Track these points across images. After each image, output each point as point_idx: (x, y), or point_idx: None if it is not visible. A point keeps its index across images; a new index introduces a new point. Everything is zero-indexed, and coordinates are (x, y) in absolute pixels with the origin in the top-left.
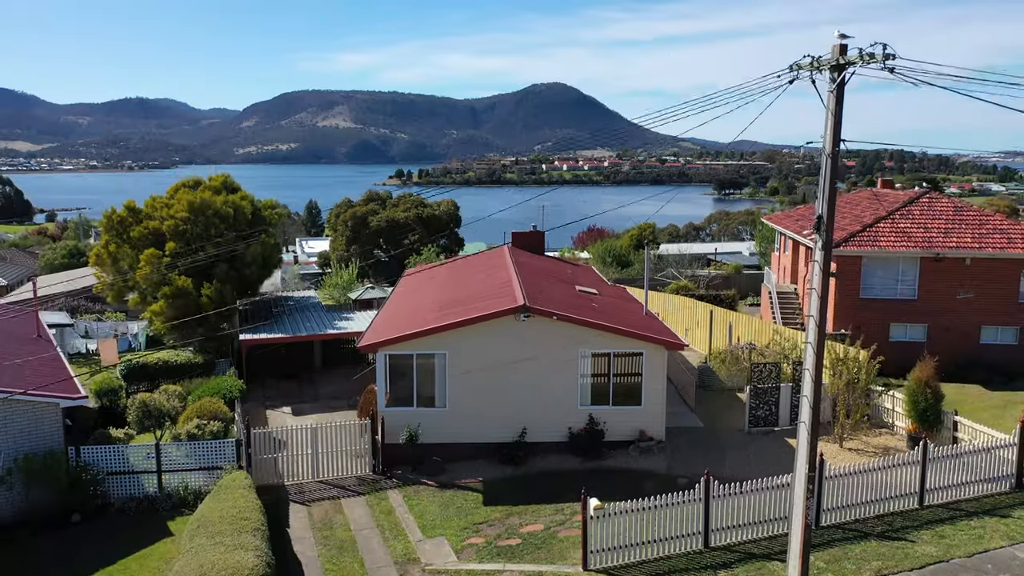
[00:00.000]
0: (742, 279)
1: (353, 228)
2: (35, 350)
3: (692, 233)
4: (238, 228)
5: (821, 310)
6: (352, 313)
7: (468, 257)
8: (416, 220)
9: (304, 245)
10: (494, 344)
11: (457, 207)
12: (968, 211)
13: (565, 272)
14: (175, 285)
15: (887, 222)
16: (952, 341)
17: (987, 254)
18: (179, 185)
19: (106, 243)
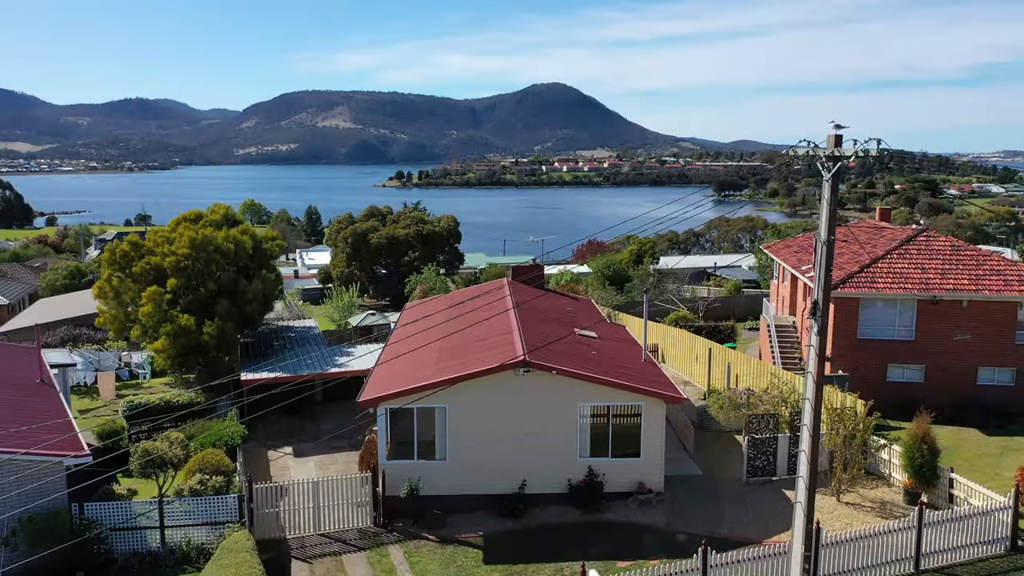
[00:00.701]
0: (741, 301)
1: (354, 245)
2: (38, 400)
3: (692, 239)
4: (239, 263)
5: (817, 395)
6: (352, 347)
7: (469, 290)
8: (416, 237)
9: (304, 257)
10: (494, 397)
11: (457, 223)
12: (965, 251)
13: (564, 310)
14: (177, 323)
15: (884, 262)
16: (949, 381)
17: (984, 297)
18: (180, 219)
19: (108, 277)
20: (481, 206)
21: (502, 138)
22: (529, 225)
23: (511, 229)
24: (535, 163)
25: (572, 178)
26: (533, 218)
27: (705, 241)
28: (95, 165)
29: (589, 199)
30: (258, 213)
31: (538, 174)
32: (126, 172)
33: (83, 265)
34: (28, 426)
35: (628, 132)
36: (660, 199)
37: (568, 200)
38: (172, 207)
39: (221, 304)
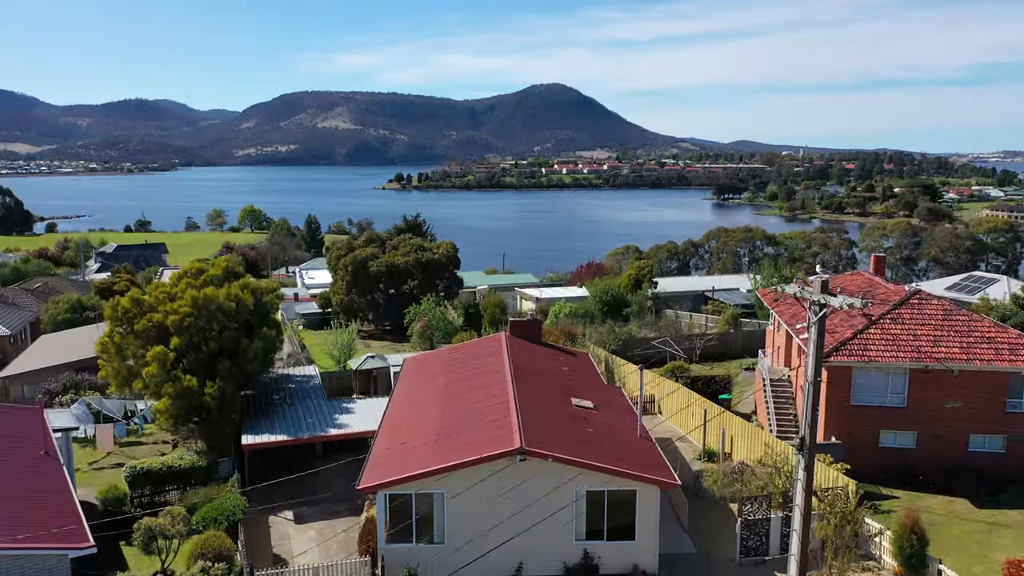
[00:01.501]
0: (739, 337)
1: (354, 273)
2: (41, 478)
3: (691, 250)
4: (240, 319)
5: (803, 533)
6: (352, 402)
7: (468, 345)
8: (416, 264)
9: (304, 276)
10: (491, 482)
11: (455, 249)
12: (957, 315)
13: (561, 371)
14: (180, 384)
15: (877, 327)
16: (941, 448)
17: (975, 367)
18: (182, 273)
19: (111, 333)
20: (481, 209)
21: (502, 139)
22: (529, 230)
23: (511, 235)
24: (534, 165)
25: (571, 180)
26: (532, 223)
27: (704, 252)
28: (94, 167)
29: (588, 201)
30: (258, 219)
31: (537, 176)
32: (126, 174)
33: (84, 298)
34: (33, 507)
35: (628, 133)
36: (660, 202)
37: (568, 203)
38: (171, 213)
39: (222, 364)
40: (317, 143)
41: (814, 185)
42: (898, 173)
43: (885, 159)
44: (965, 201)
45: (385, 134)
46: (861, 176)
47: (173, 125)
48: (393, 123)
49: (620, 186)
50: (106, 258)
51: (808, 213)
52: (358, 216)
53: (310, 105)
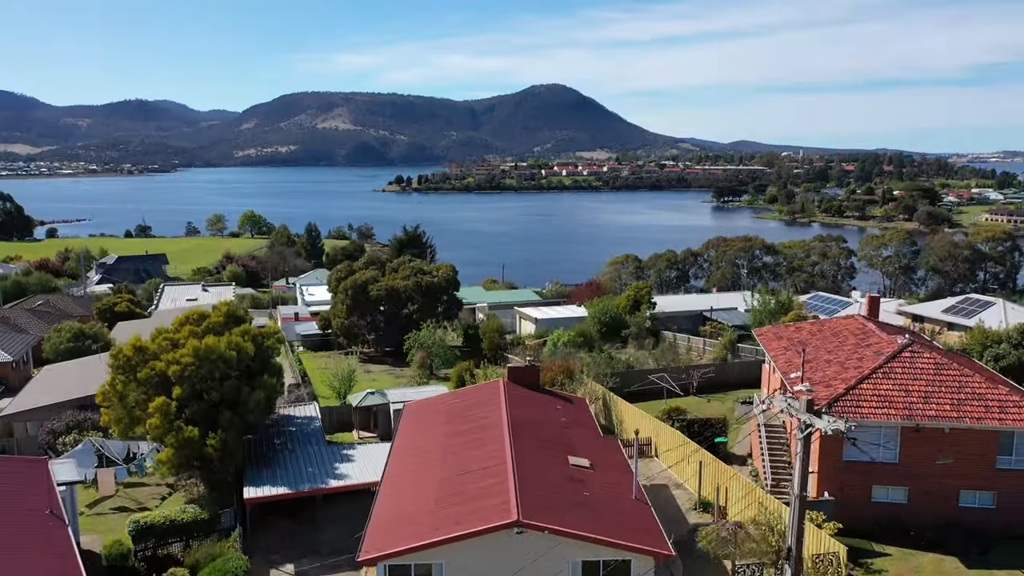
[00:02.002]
0: (735, 367)
1: (354, 297)
2: (46, 543)
3: (690, 259)
4: (241, 367)
5: None
6: (352, 448)
7: (468, 392)
8: (415, 288)
9: (304, 293)
10: (489, 552)
11: (455, 271)
12: (948, 370)
13: (558, 422)
14: (182, 435)
15: (869, 382)
16: (932, 503)
17: (965, 425)
18: (184, 319)
19: (113, 381)
20: (481, 212)
21: (502, 139)
22: (529, 236)
23: (511, 240)
24: (534, 167)
25: (571, 182)
26: (532, 227)
27: (703, 261)
28: (95, 168)
29: (589, 204)
30: (258, 224)
31: (537, 178)
32: (125, 175)
33: (86, 327)
34: None
35: (628, 133)
36: (659, 204)
37: (568, 206)
38: (172, 216)
39: (224, 415)
40: (317, 144)
41: (814, 187)
42: (898, 175)
43: (885, 160)
44: (965, 204)
45: (385, 135)
46: (861, 178)
47: (173, 126)
48: (393, 124)
49: (620, 188)
50: (107, 270)
51: (808, 217)
52: (358, 220)
53: (310, 106)
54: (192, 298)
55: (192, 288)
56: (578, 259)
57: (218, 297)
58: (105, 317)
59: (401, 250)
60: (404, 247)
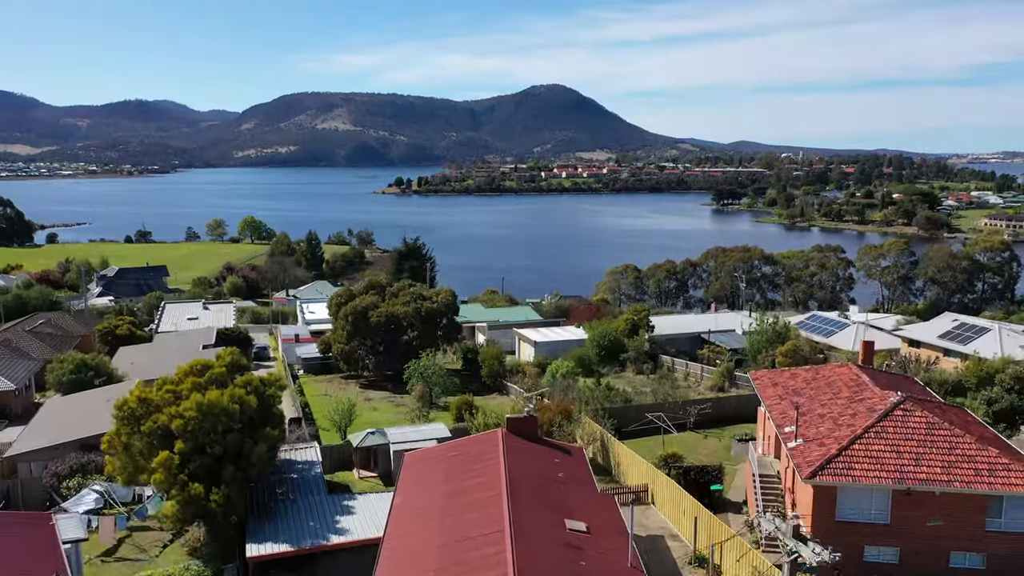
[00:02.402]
0: (732, 402)
1: (354, 323)
2: None
3: (689, 270)
4: (243, 419)
5: None
6: (354, 499)
7: (467, 444)
8: (415, 314)
9: (305, 310)
10: None
11: (454, 296)
12: (939, 430)
13: (555, 479)
14: (187, 492)
15: (861, 442)
16: (923, 564)
17: (955, 489)
18: (188, 370)
19: (118, 431)
20: (481, 216)
21: (501, 140)
22: (529, 240)
23: (511, 245)
24: (534, 169)
25: (571, 184)
26: (532, 231)
27: (702, 271)
28: (94, 169)
29: (589, 207)
30: (258, 230)
31: (537, 180)
32: (125, 176)
33: (88, 358)
34: None
35: (628, 133)
36: (659, 208)
37: (567, 209)
38: (172, 220)
39: (227, 470)
40: (317, 144)
41: (813, 191)
42: (897, 177)
43: (884, 162)
44: (964, 208)
45: (385, 135)
46: (860, 180)
47: (173, 126)
48: (393, 124)
49: (620, 190)
50: (107, 282)
51: (807, 221)
52: (358, 224)
53: (310, 106)
54: (193, 317)
55: (193, 306)
56: (578, 268)
57: (219, 315)
58: (107, 340)
59: (401, 262)
60: (404, 259)
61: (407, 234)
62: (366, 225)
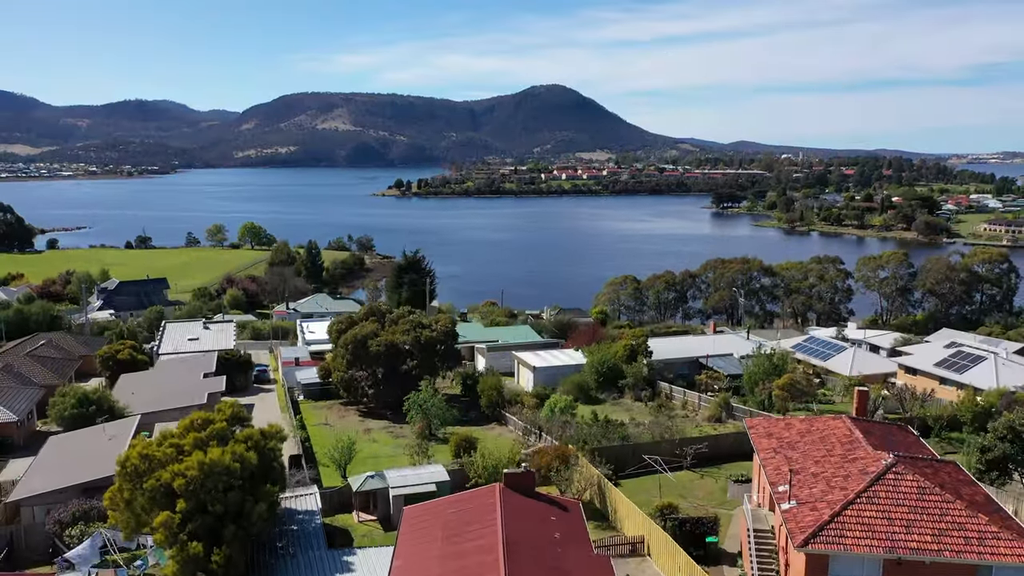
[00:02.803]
0: (728, 440)
1: (354, 352)
2: None
3: (688, 281)
4: (244, 476)
5: None
6: (353, 555)
7: (465, 499)
8: (415, 343)
9: (305, 330)
10: None
11: (453, 323)
12: (930, 495)
13: (551, 538)
14: (187, 552)
15: (854, 508)
16: None
17: (944, 559)
18: (188, 424)
19: (120, 488)
20: (480, 219)
21: (501, 140)
22: (528, 245)
23: (511, 251)
24: (534, 171)
25: (571, 187)
26: (532, 235)
27: (701, 282)
28: (94, 170)
29: (588, 211)
30: (258, 235)
31: (537, 183)
32: (125, 177)
33: (90, 391)
34: None
35: (627, 134)
36: (659, 211)
37: (567, 212)
38: (172, 224)
39: (228, 529)
40: (317, 144)
41: (813, 193)
42: (897, 179)
43: (884, 164)
44: (963, 212)
45: (385, 135)
46: (860, 182)
47: (173, 126)
48: (393, 124)
49: (619, 192)
50: (108, 295)
51: (807, 225)
52: (358, 227)
53: (310, 106)
54: (193, 337)
55: (194, 326)
56: (577, 277)
57: (219, 335)
58: (108, 365)
59: (401, 275)
60: (404, 271)
61: (407, 238)
62: (366, 229)
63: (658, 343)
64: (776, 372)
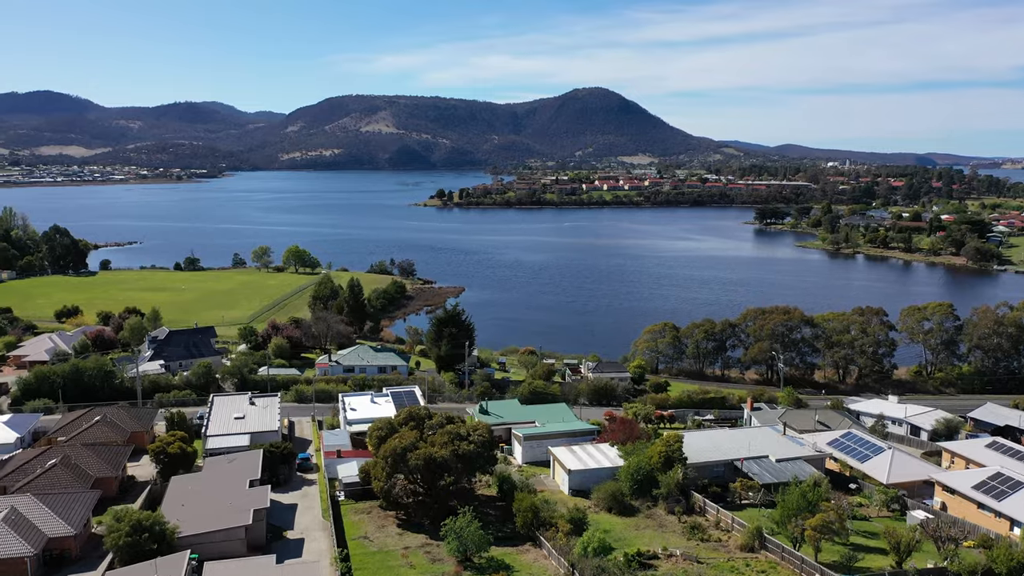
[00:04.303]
0: None
1: (393, 464)
2: None
3: (728, 331)
4: None
5: None
6: None
7: None
8: (452, 456)
9: (347, 408)
10: None
11: (490, 432)
12: None
13: None
14: None
15: None
16: None
17: None
18: None
19: None
20: (520, 235)
21: (543, 143)
22: (568, 270)
23: (549, 274)
24: (575, 180)
25: (612, 198)
26: (572, 258)
27: (741, 332)
28: (145, 173)
29: (629, 225)
30: (302, 259)
31: (578, 193)
32: (174, 182)
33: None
34: None
35: (670, 137)
36: (701, 225)
37: (608, 227)
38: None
39: None
40: (360, 148)
41: (859, 209)
42: (946, 192)
43: (933, 175)
44: (1016, 235)
45: (427, 138)
46: (908, 196)
47: (221, 128)
48: (435, 127)
49: (661, 204)
50: (158, 345)
51: (852, 248)
52: (399, 247)
53: (354, 108)
54: (240, 416)
55: (240, 401)
56: (617, 309)
57: (264, 414)
58: (160, 459)
59: (441, 329)
60: (444, 325)
61: (447, 259)
62: (407, 246)
63: (692, 441)
64: (809, 509)
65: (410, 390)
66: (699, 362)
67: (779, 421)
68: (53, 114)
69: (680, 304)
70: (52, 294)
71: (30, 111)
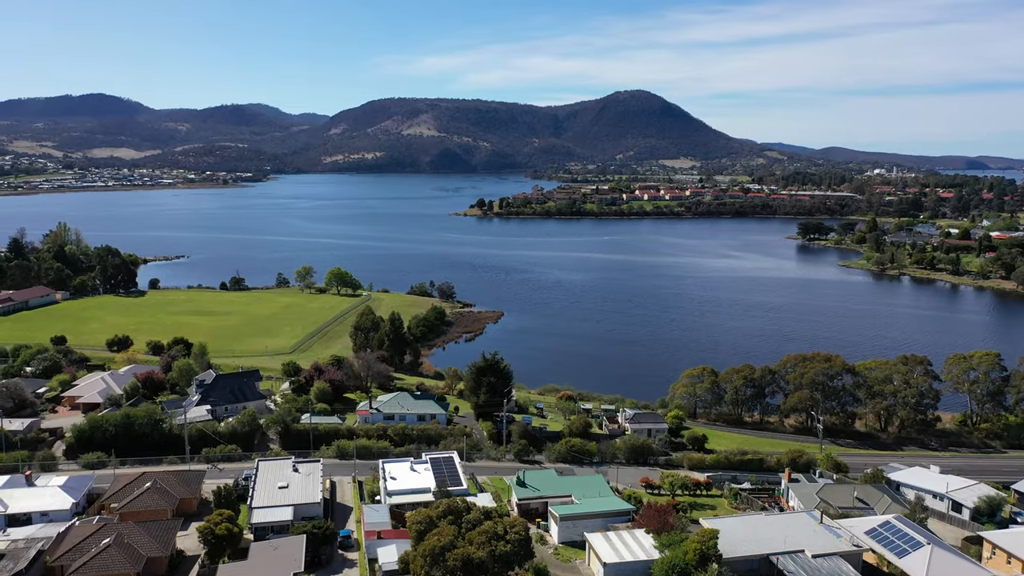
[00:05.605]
0: None
1: (431, 562)
2: None
3: (767, 377)
4: None
5: None
6: None
7: None
8: (490, 557)
9: (387, 477)
10: None
11: (527, 528)
12: None
13: None
14: None
15: None
16: None
17: None
18: None
19: None
20: (560, 249)
21: (584, 146)
22: (607, 289)
23: (590, 298)
24: (615, 189)
25: (652, 208)
26: (611, 278)
27: (780, 379)
28: (192, 177)
29: (669, 239)
30: (343, 280)
31: (618, 203)
32: (220, 186)
33: None
34: None
35: (712, 140)
36: (742, 240)
37: (647, 241)
38: (264, 257)
39: None
40: (402, 151)
41: (906, 223)
42: (998, 205)
43: (984, 186)
44: None
45: (468, 141)
46: (958, 208)
47: (265, 130)
48: (476, 130)
49: (702, 215)
50: (205, 389)
51: (897, 268)
52: (438, 263)
53: (396, 112)
54: (283, 485)
55: (284, 467)
56: (657, 341)
57: (306, 482)
58: (208, 541)
59: (480, 377)
60: (483, 374)
61: (487, 279)
62: (446, 262)
63: (725, 528)
64: None
65: (448, 456)
66: (738, 408)
67: (816, 497)
68: (105, 116)
69: (722, 335)
70: (104, 317)
71: (83, 113)
